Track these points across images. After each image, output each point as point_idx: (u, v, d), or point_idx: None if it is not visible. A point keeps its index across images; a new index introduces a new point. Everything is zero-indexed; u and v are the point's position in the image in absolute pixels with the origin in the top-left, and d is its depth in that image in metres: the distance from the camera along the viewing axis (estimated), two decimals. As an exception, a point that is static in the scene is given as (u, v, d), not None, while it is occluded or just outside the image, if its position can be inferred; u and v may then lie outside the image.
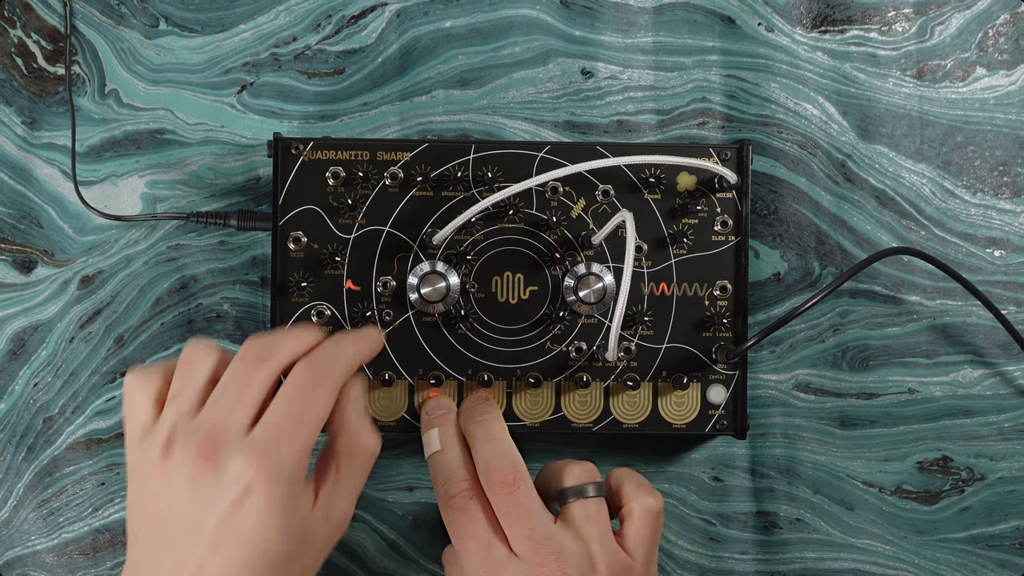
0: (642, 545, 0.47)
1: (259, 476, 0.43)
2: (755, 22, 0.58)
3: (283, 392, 0.45)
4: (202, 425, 0.44)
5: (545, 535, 0.45)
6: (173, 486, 0.44)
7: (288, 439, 0.44)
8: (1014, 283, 0.58)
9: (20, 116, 0.57)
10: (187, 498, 0.43)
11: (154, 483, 0.44)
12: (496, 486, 0.46)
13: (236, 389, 0.45)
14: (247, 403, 0.45)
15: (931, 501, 0.58)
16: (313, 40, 0.57)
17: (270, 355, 0.46)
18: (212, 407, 0.45)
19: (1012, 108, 0.58)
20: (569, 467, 0.49)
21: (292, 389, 0.45)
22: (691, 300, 0.54)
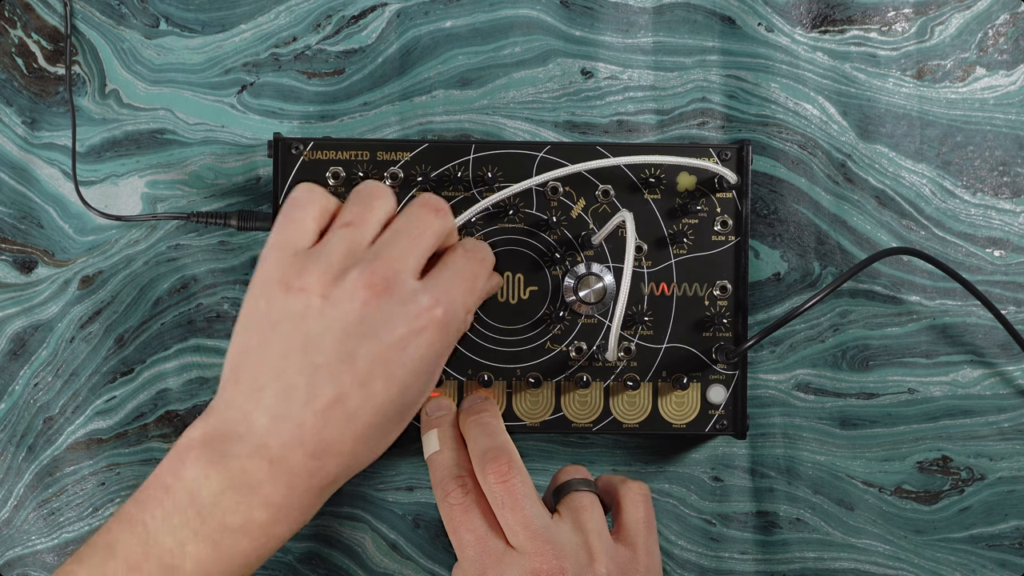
0: (639, 531, 0.48)
1: (437, 319, 0.44)
2: (755, 22, 0.58)
3: (459, 254, 0.47)
4: (380, 259, 0.45)
5: (542, 526, 0.45)
6: (337, 309, 0.44)
7: (462, 298, 0.46)
8: (1014, 283, 0.58)
9: (20, 116, 0.57)
10: (351, 324, 0.43)
11: (307, 301, 0.44)
12: (491, 477, 0.46)
13: (417, 232, 0.46)
14: (424, 248, 0.46)
15: (931, 501, 0.58)
16: (313, 40, 0.57)
17: (445, 210, 0.48)
18: (392, 242, 0.45)
19: (1012, 108, 0.58)
20: (561, 470, 0.49)
21: (468, 255, 0.47)
22: (691, 300, 0.54)
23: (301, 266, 0.45)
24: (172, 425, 0.57)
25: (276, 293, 0.45)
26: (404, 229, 0.46)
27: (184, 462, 0.43)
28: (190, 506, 0.43)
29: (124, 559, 0.43)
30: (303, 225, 0.46)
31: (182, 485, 0.43)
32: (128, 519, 0.43)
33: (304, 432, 0.43)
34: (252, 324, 0.45)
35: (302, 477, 0.43)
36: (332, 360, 0.43)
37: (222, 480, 0.43)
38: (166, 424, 0.57)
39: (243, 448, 0.43)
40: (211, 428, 0.44)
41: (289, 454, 0.43)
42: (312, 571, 0.57)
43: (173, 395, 0.57)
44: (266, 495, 0.43)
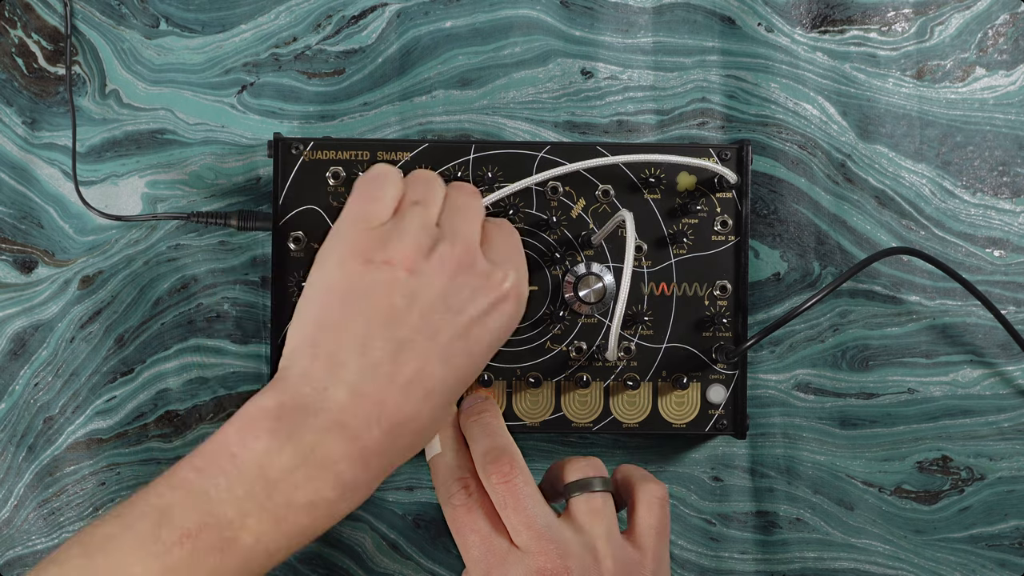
0: (651, 535, 0.47)
1: (512, 290, 0.46)
2: (755, 22, 0.58)
3: (497, 228, 0.49)
4: (458, 235, 0.46)
5: (545, 525, 0.45)
6: (423, 283, 0.44)
7: (523, 265, 0.49)
8: (1013, 283, 0.58)
9: (21, 116, 0.57)
10: (436, 298, 0.44)
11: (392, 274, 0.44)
12: (493, 477, 0.46)
13: (473, 214, 0.48)
14: (479, 225, 0.48)
15: (931, 501, 0.58)
16: (313, 40, 0.57)
17: (479, 193, 0.50)
18: (458, 220, 0.47)
19: (1011, 108, 0.58)
20: (573, 462, 0.48)
21: (502, 227, 0.50)
22: (691, 300, 0.54)
23: (383, 240, 0.45)
24: (172, 425, 0.57)
25: (355, 266, 0.45)
26: (463, 207, 0.48)
27: (256, 433, 0.42)
28: (258, 479, 0.41)
29: (179, 526, 0.41)
30: (383, 202, 0.47)
31: (252, 456, 0.42)
32: (185, 485, 0.42)
33: (384, 409, 0.43)
34: (329, 296, 0.45)
35: (376, 455, 0.43)
36: (417, 335, 0.44)
37: (295, 455, 0.42)
38: (166, 424, 0.57)
39: (319, 423, 0.42)
40: (287, 400, 0.43)
41: (366, 432, 0.42)
42: (312, 571, 0.57)
43: (173, 395, 0.57)
44: (339, 473, 0.42)
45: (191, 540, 0.40)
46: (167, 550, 0.40)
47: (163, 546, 0.40)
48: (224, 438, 0.42)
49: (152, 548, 0.40)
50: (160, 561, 0.40)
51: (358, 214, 0.46)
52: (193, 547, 0.40)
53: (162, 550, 0.40)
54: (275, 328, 0.53)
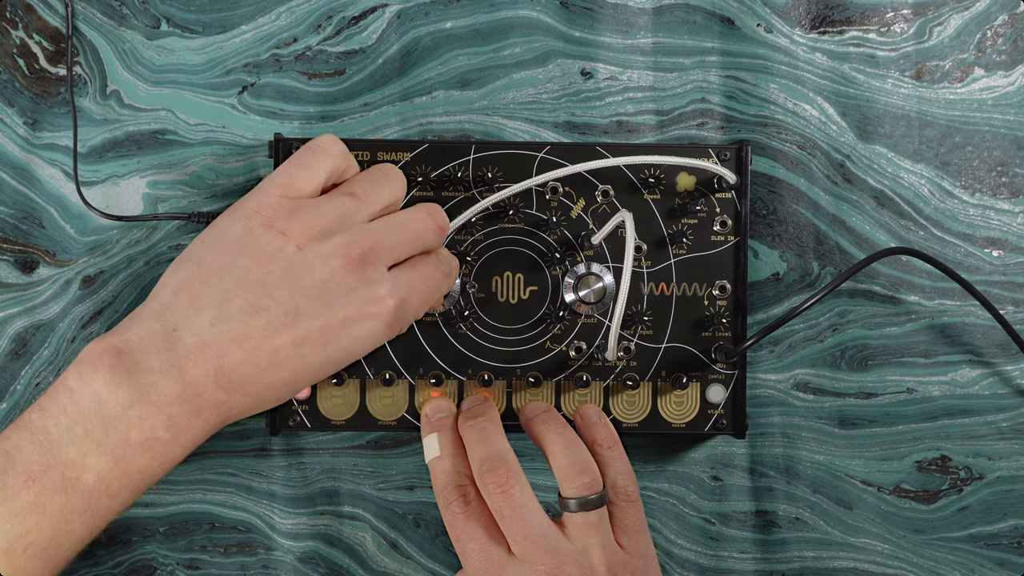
0: (631, 535, 0.48)
1: (389, 311, 0.46)
2: (754, 23, 0.58)
3: (431, 262, 0.49)
4: (369, 238, 0.46)
5: (542, 534, 0.45)
6: (304, 263, 0.44)
7: (417, 301, 0.48)
8: (1012, 283, 0.58)
9: (22, 117, 0.57)
10: (310, 284, 0.44)
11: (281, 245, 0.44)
12: (490, 486, 0.46)
13: (410, 235, 0.48)
14: (408, 249, 0.48)
15: (930, 500, 0.58)
16: (314, 41, 0.57)
17: (445, 230, 0.50)
18: (384, 229, 0.47)
19: (1010, 109, 0.58)
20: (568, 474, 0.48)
21: (438, 266, 0.49)
22: (690, 300, 0.54)
23: (292, 210, 0.45)
24: (173, 425, 0.57)
25: (257, 226, 0.45)
26: (401, 224, 0.47)
27: (96, 368, 0.42)
28: (95, 415, 0.42)
29: (24, 469, 0.41)
30: (313, 175, 0.47)
31: (89, 391, 0.42)
32: (29, 426, 0.42)
33: (223, 364, 0.43)
34: (218, 244, 0.45)
35: (209, 406, 0.43)
36: (277, 310, 0.44)
37: (131, 392, 0.42)
38: (167, 424, 0.57)
39: (160, 364, 0.43)
40: (133, 337, 0.43)
41: (203, 381, 0.43)
42: (313, 570, 0.58)
43: (174, 395, 0.57)
44: (171, 414, 0.43)
45: (36, 482, 0.41)
46: (15, 494, 0.41)
47: (11, 490, 0.41)
48: (66, 375, 0.43)
49: (1, 493, 0.41)
50: (8, 505, 0.41)
51: (283, 179, 0.47)
52: (39, 489, 0.41)
53: (10, 494, 0.41)
54: None
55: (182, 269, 0.45)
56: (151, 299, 0.45)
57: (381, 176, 0.49)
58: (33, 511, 0.41)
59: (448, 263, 0.50)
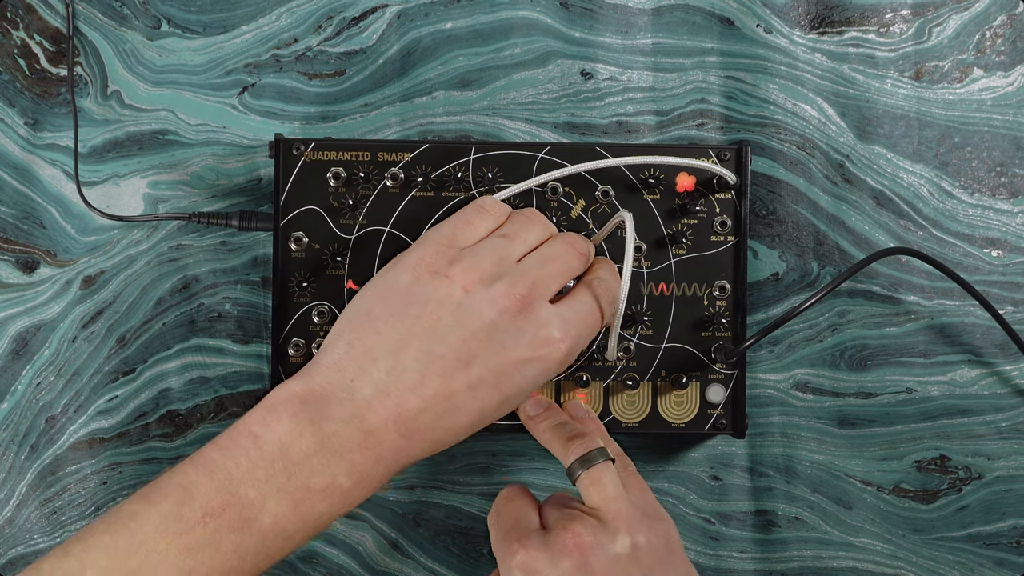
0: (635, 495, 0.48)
1: (561, 352, 0.46)
2: (754, 24, 0.58)
3: (586, 296, 0.48)
4: (529, 277, 0.46)
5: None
6: (473, 307, 0.45)
7: (585, 336, 0.48)
8: (1011, 283, 0.58)
9: (23, 117, 0.57)
10: (481, 328, 0.45)
11: (449, 290, 0.45)
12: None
13: (561, 267, 0.48)
14: (560, 282, 0.48)
15: (929, 500, 0.58)
16: (314, 41, 0.58)
17: (588, 256, 0.50)
18: (539, 266, 0.47)
19: (1009, 109, 0.58)
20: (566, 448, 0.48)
21: (601, 295, 0.49)
22: (690, 300, 0.54)
23: (455, 258, 0.46)
24: (173, 424, 0.57)
25: (423, 274, 0.46)
26: (552, 257, 0.48)
27: (280, 416, 0.43)
28: (278, 460, 0.43)
29: (202, 505, 0.42)
30: (475, 230, 0.48)
31: (273, 438, 0.43)
32: (208, 464, 0.43)
33: (403, 412, 0.44)
34: (386, 294, 0.46)
35: (390, 452, 0.44)
36: (451, 356, 0.44)
37: (315, 440, 0.43)
38: (167, 423, 0.57)
39: (342, 413, 0.44)
40: (315, 386, 0.44)
41: (383, 429, 0.44)
42: (313, 569, 0.58)
43: (174, 395, 0.57)
44: (353, 463, 0.43)
45: (213, 519, 0.42)
46: (190, 528, 0.41)
47: (186, 524, 0.41)
48: (249, 420, 0.44)
49: (175, 526, 0.41)
50: (183, 539, 0.41)
51: (448, 232, 0.48)
52: (215, 526, 0.42)
53: (185, 528, 0.41)
54: (276, 328, 0.53)
55: (354, 320, 0.46)
56: (327, 349, 0.46)
57: (528, 218, 0.50)
58: (207, 547, 0.42)
59: (610, 288, 0.49)
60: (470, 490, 0.58)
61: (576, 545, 0.45)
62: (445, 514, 0.58)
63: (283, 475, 0.43)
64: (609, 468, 0.47)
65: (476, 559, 0.58)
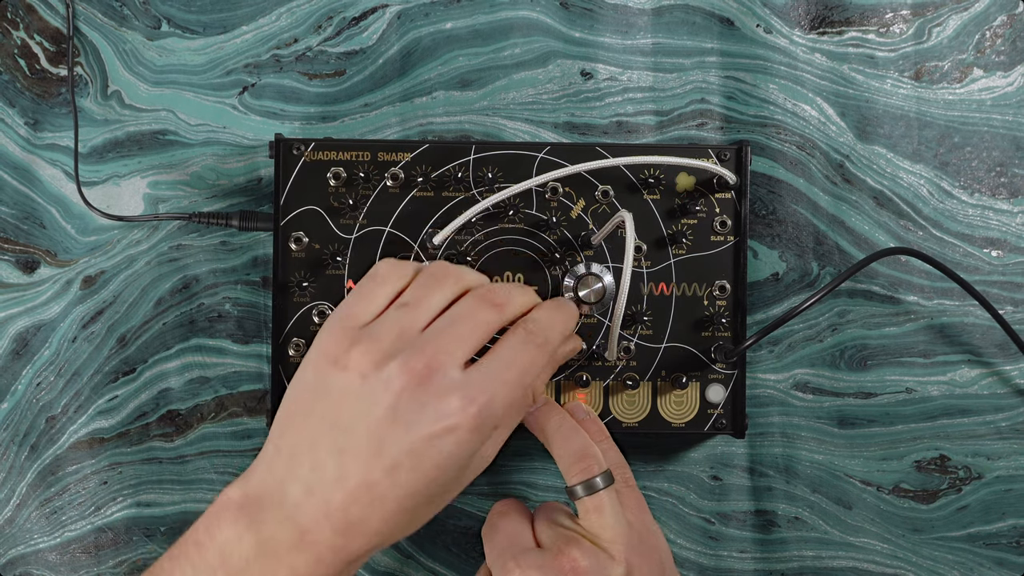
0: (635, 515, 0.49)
1: (469, 420, 0.43)
2: (753, 24, 0.58)
3: (517, 340, 0.46)
4: (428, 347, 0.44)
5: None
6: (372, 394, 0.43)
7: (503, 396, 0.44)
8: (1011, 283, 0.58)
9: (23, 117, 0.57)
10: (382, 412, 0.43)
11: (347, 381, 0.44)
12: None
13: (469, 326, 0.45)
14: (473, 343, 0.45)
15: (929, 500, 0.58)
16: (314, 42, 0.58)
17: (505, 304, 0.47)
18: (442, 333, 0.45)
19: (1009, 109, 0.58)
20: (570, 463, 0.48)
21: (527, 341, 0.46)
22: (690, 300, 0.54)
23: (352, 342, 0.45)
24: (174, 424, 0.57)
25: (324, 366, 0.45)
26: (459, 318, 0.46)
27: (220, 522, 0.43)
28: (219, 568, 0.43)
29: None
30: (372, 302, 0.47)
31: (215, 545, 0.43)
32: (161, 574, 0.44)
33: (331, 508, 0.43)
34: (298, 393, 0.46)
35: (328, 551, 0.43)
36: (361, 446, 0.43)
37: (253, 545, 0.43)
38: (168, 423, 0.57)
39: (275, 515, 0.43)
40: (250, 491, 0.44)
41: (316, 528, 0.43)
42: (313, 570, 0.58)
43: (175, 394, 0.57)
44: (292, 565, 0.43)
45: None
46: None
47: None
48: (195, 526, 0.44)
49: None
50: None
51: (344, 312, 0.46)
52: None
53: None
54: (276, 328, 0.53)
55: (280, 421, 0.46)
56: (263, 452, 0.46)
57: (432, 277, 0.47)
58: None
59: (542, 330, 0.47)
60: (470, 490, 0.58)
61: (573, 569, 0.45)
62: (444, 514, 0.58)
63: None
64: (611, 495, 0.47)
65: (476, 559, 0.58)
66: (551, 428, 0.50)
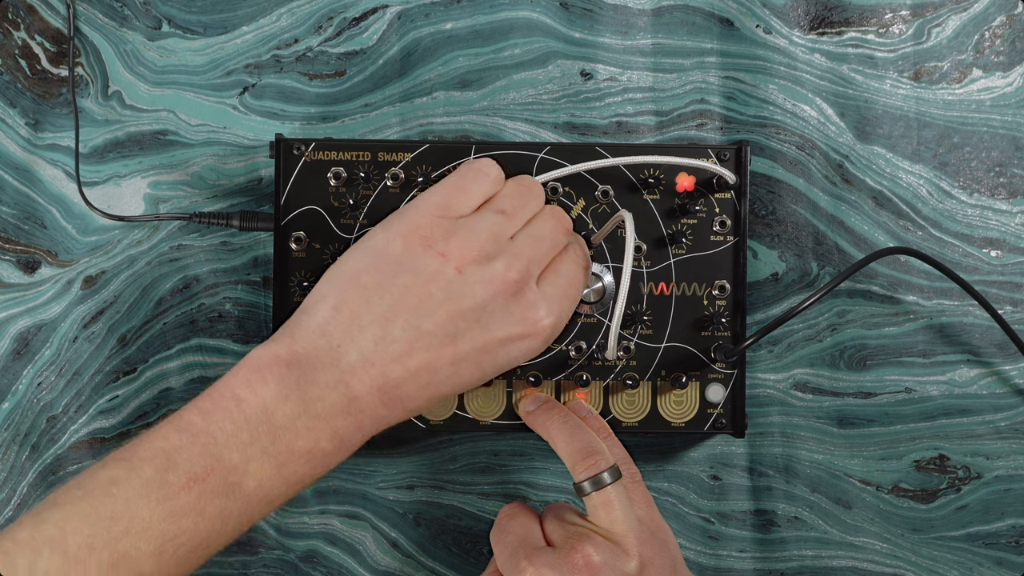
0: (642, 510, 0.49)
1: (545, 331, 0.47)
2: (753, 24, 0.58)
3: (570, 261, 0.50)
4: (523, 255, 0.47)
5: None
6: (465, 287, 0.45)
7: (567, 310, 0.49)
8: (1010, 283, 0.58)
9: (24, 117, 0.57)
10: (469, 306, 0.45)
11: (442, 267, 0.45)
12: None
13: (549, 246, 0.49)
14: (549, 256, 0.49)
15: (928, 499, 0.58)
16: (315, 42, 0.58)
17: (570, 229, 0.50)
18: (530, 245, 0.48)
19: (1008, 109, 0.58)
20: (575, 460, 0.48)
21: (576, 262, 0.50)
22: (690, 300, 0.54)
23: (450, 231, 0.46)
24: (174, 424, 0.57)
25: (415, 244, 0.46)
26: (541, 236, 0.48)
27: (265, 378, 0.43)
28: (263, 424, 0.42)
29: (186, 470, 0.41)
30: (471, 198, 0.48)
31: (258, 401, 0.43)
32: (191, 428, 0.42)
33: (387, 382, 0.44)
34: (376, 261, 0.46)
35: (370, 420, 0.44)
36: (439, 332, 0.45)
37: (300, 404, 0.43)
38: (168, 423, 0.57)
39: (327, 378, 0.44)
40: (300, 350, 0.44)
41: (366, 397, 0.44)
42: (313, 569, 0.58)
43: (175, 394, 0.57)
44: (336, 428, 0.44)
45: (198, 484, 0.41)
46: (174, 494, 0.41)
47: (170, 490, 0.41)
48: (232, 382, 0.43)
49: (159, 492, 0.41)
50: (167, 505, 0.41)
51: (441, 200, 0.47)
52: (200, 491, 0.41)
53: (169, 494, 0.41)
54: (276, 328, 0.53)
55: (341, 284, 0.46)
56: (310, 310, 0.45)
57: (526, 191, 0.50)
58: (191, 513, 0.41)
59: (583, 255, 0.51)
60: (470, 490, 0.58)
61: (586, 565, 0.45)
62: (445, 514, 0.58)
63: (267, 438, 0.42)
64: (619, 490, 0.47)
65: (476, 559, 0.58)
66: (555, 426, 0.50)
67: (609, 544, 0.46)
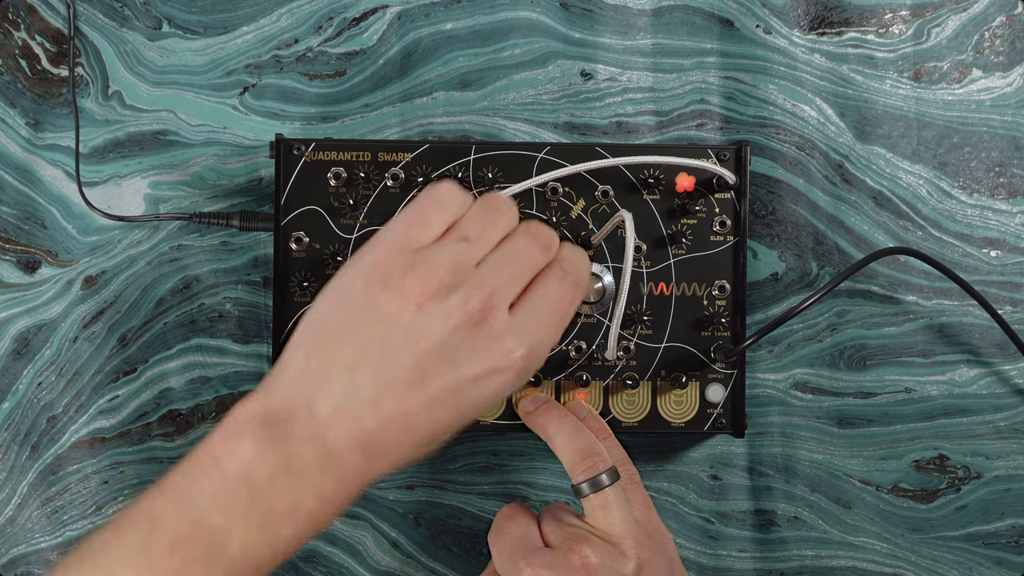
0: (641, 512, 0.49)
1: (518, 363, 0.43)
2: (753, 24, 0.58)
3: (555, 280, 0.45)
4: (485, 286, 0.43)
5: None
6: (425, 325, 0.42)
7: (547, 338, 0.44)
8: (1010, 283, 0.58)
9: (24, 118, 0.57)
10: (432, 345, 0.42)
11: (400, 306, 0.42)
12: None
13: (522, 268, 0.45)
14: (522, 284, 0.44)
15: (928, 499, 0.58)
16: (315, 42, 0.58)
17: (550, 246, 0.46)
18: (497, 270, 0.44)
19: (1008, 110, 0.58)
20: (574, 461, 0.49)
21: (563, 281, 0.45)
22: (690, 300, 0.54)
23: (408, 266, 0.43)
24: (174, 424, 0.57)
25: (375, 284, 0.43)
26: (512, 258, 0.45)
27: (241, 437, 0.42)
28: (242, 485, 0.41)
29: (169, 534, 0.41)
30: (431, 227, 0.45)
31: (237, 461, 0.41)
32: (173, 491, 0.42)
33: (363, 433, 0.42)
34: (339, 307, 0.44)
35: (352, 473, 0.42)
36: (405, 376, 0.42)
37: (277, 462, 0.41)
38: (168, 423, 0.57)
39: (303, 433, 0.42)
40: (274, 405, 0.42)
41: (345, 451, 0.42)
42: (313, 569, 0.58)
43: (175, 394, 0.57)
44: (317, 484, 0.42)
45: (181, 549, 0.40)
46: (158, 560, 0.40)
47: (154, 555, 0.40)
48: (210, 442, 0.42)
49: (144, 558, 0.40)
50: (151, 572, 0.40)
51: (400, 232, 0.44)
52: (184, 557, 0.40)
53: (153, 560, 0.40)
54: (277, 328, 0.53)
55: (310, 332, 0.44)
56: (285, 363, 0.44)
57: (491, 211, 0.46)
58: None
59: (573, 269, 0.46)
60: (470, 490, 0.58)
61: (584, 566, 0.45)
62: (445, 514, 0.58)
63: (247, 499, 0.41)
64: (617, 492, 0.47)
65: (476, 559, 0.58)
66: (554, 427, 0.50)
67: (607, 545, 0.46)
